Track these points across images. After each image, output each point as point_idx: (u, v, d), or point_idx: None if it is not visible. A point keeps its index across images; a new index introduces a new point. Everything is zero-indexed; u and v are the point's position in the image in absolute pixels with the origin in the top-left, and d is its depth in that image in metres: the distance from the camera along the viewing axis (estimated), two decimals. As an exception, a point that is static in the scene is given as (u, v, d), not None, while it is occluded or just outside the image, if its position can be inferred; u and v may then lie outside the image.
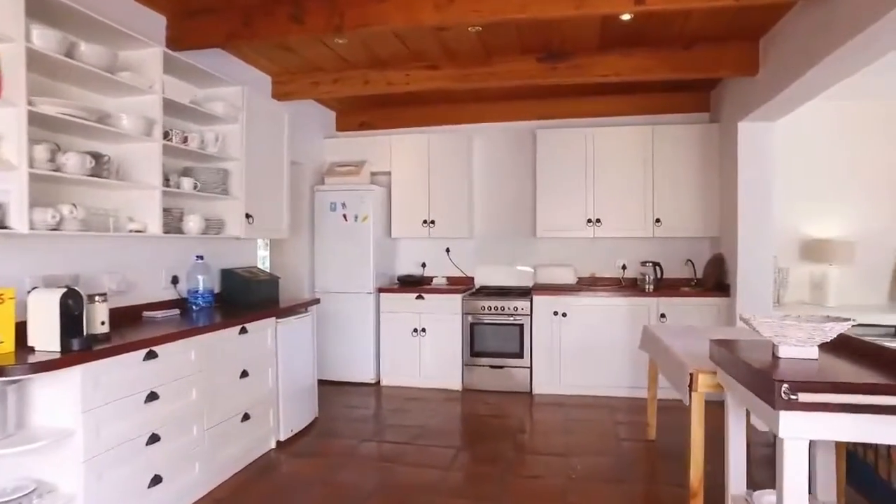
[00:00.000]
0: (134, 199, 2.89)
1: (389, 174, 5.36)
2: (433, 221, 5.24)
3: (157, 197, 2.88)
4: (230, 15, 3.29)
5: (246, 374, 3.21)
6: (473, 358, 4.86)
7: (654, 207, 4.80)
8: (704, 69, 3.85)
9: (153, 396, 2.50)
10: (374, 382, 5.04)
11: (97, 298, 2.47)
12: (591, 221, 4.90)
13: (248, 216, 3.58)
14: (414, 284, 5.23)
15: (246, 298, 3.67)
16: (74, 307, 2.23)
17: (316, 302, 4.13)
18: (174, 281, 3.39)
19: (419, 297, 4.99)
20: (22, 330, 2.19)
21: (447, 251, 5.53)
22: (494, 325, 4.81)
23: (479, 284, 5.35)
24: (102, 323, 2.47)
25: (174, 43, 3.31)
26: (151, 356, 2.49)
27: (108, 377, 2.26)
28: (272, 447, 3.50)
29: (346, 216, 5.06)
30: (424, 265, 5.59)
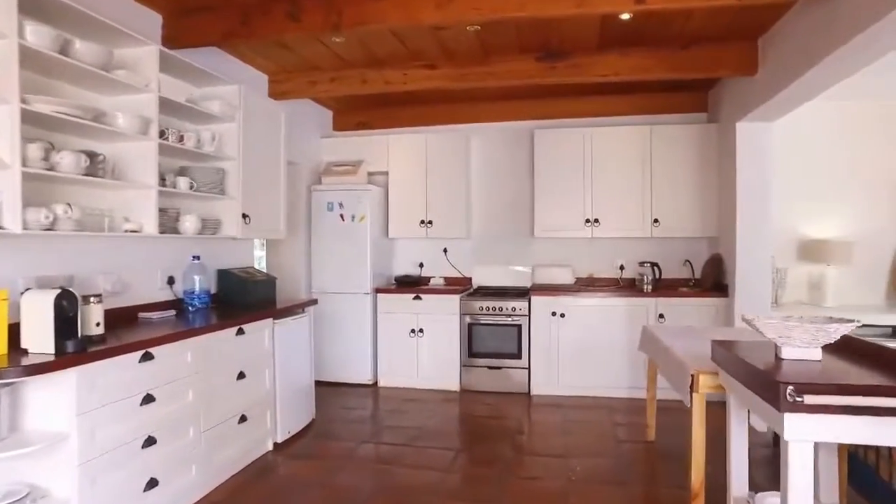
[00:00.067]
0: (129, 198, 2.86)
1: (387, 174, 5.33)
2: (431, 221, 5.22)
3: (152, 197, 2.85)
4: (227, 13, 3.26)
5: (243, 375, 3.18)
6: (471, 359, 4.84)
7: (652, 207, 4.79)
8: (703, 69, 3.85)
9: (149, 399, 2.47)
10: (371, 383, 5.02)
11: (92, 299, 2.44)
12: (589, 221, 4.89)
13: (244, 216, 3.55)
14: (411, 285, 5.21)
15: (243, 299, 3.64)
16: (69, 308, 2.20)
17: (313, 302, 4.10)
18: (170, 281, 3.36)
19: (417, 297, 4.97)
20: (15, 332, 2.16)
21: (445, 251, 5.51)
22: (492, 325, 4.79)
23: (476, 285, 5.33)
24: (97, 324, 2.45)
25: (170, 41, 3.28)
26: (147, 358, 2.46)
27: (103, 379, 2.23)
28: (269, 449, 3.48)
29: (343, 216, 5.03)
30: (422, 265, 5.57)
